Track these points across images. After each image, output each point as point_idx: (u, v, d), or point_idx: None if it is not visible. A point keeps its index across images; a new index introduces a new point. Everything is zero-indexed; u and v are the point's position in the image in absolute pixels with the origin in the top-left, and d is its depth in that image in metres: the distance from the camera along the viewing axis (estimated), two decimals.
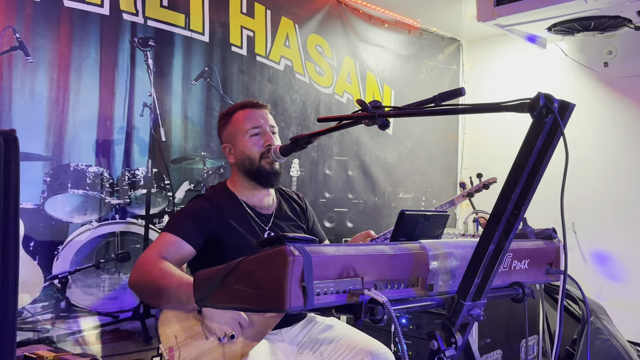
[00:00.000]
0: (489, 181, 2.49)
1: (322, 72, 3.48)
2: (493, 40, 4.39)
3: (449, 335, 1.19)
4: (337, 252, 1.04)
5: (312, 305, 0.97)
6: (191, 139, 2.79)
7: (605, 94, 3.84)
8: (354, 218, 3.68)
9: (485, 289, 1.21)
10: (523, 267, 1.46)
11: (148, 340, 2.58)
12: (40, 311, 2.27)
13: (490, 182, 2.50)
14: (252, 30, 3.06)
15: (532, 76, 4.18)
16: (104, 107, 2.47)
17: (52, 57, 2.32)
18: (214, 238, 1.92)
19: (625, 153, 3.75)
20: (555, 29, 3.49)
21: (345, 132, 3.62)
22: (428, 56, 4.26)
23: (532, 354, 2.94)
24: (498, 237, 1.17)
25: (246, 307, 1.05)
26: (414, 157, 4.14)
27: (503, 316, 2.74)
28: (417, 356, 2.54)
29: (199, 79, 2.82)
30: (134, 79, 2.57)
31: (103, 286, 2.46)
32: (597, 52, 3.87)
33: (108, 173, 2.48)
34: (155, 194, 2.64)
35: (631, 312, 3.53)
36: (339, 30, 3.60)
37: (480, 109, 1.21)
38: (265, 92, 3.14)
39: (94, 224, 2.44)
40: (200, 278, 1.14)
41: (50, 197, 2.32)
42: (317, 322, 2.09)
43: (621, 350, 2.99)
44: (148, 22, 2.61)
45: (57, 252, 2.33)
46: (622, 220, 3.71)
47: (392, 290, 1.12)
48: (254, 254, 1.02)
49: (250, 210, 2.04)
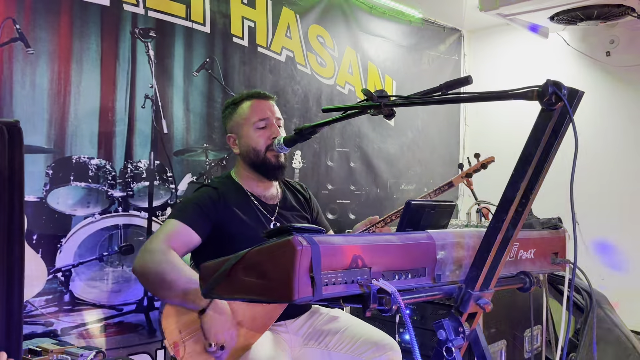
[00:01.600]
0: (487, 161, 2.46)
1: (324, 63, 3.47)
2: (494, 30, 4.36)
3: (457, 325, 1.19)
4: (345, 242, 1.03)
5: (320, 295, 0.96)
6: (193, 130, 2.78)
7: (607, 84, 3.82)
8: (356, 210, 3.67)
9: (492, 279, 1.20)
10: (529, 257, 1.45)
11: (152, 332, 2.58)
12: (44, 304, 2.27)
13: (488, 161, 2.46)
14: (253, 21, 3.04)
15: (533, 66, 4.16)
16: (105, 99, 2.46)
17: (53, 48, 2.31)
18: (219, 227, 1.91)
19: (627, 142, 3.74)
20: (558, 18, 3.47)
21: (347, 123, 3.60)
22: (429, 46, 4.24)
23: (536, 343, 2.94)
24: (506, 226, 1.16)
25: (254, 298, 1.04)
26: (415, 148, 4.13)
27: (507, 306, 2.74)
28: (421, 346, 2.54)
29: (201, 70, 2.80)
30: (135, 70, 2.55)
31: (107, 279, 2.46)
32: (599, 42, 3.84)
33: (110, 165, 2.47)
34: (158, 187, 2.63)
35: (634, 301, 3.53)
36: (341, 21, 3.58)
37: (487, 97, 1.19)
38: (267, 84, 3.12)
39: (97, 216, 2.43)
40: (207, 269, 1.13)
41: (53, 189, 2.31)
42: (322, 314, 2.09)
43: (624, 339, 3.00)
44: (149, 12, 2.59)
45: (60, 245, 2.33)
46: (625, 209, 3.70)
47: (400, 281, 1.11)
48: (261, 245, 1.02)
49: (256, 200, 2.03)
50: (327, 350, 1.98)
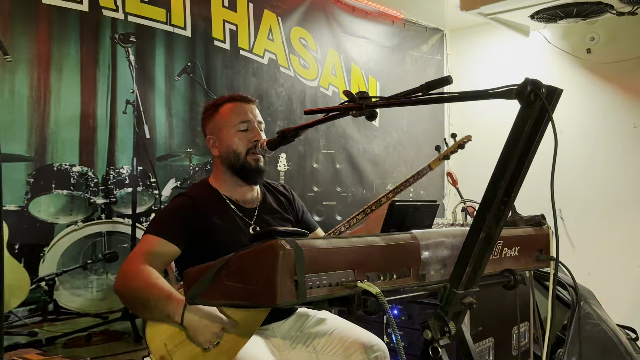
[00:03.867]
0: (463, 140, 2.44)
1: (307, 65, 3.46)
2: (476, 29, 4.39)
3: (443, 325, 1.19)
4: (328, 244, 1.02)
5: (304, 299, 0.96)
6: (176, 135, 2.76)
7: (588, 81, 3.87)
8: (342, 211, 3.67)
9: (477, 277, 1.20)
10: (513, 254, 1.45)
11: (138, 340, 2.55)
12: (27, 314, 2.24)
13: (465, 140, 2.44)
14: (234, 24, 3.03)
15: (515, 65, 4.19)
16: (86, 105, 2.43)
17: (32, 55, 2.28)
18: (198, 236, 1.89)
19: (609, 139, 3.78)
20: (538, 17, 3.50)
21: (332, 125, 3.60)
22: (412, 47, 4.25)
23: (524, 340, 2.96)
24: (488, 224, 1.16)
25: (238, 303, 1.03)
26: (401, 148, 4.14)
27: (494, 304, 2.75)
28: (409, 346, 2.54)
29: (182, 75, 2.79)
30: (116, 76, 2.53)
31: (91, 287, 2.43)
32: (579, 39, 3.89)
33: (92, 172, 2.45)
34: (141, 192, 2.61)
35: (619, 296, 3.57)
36: (323, 23, 3.58)
37: (467, 97, 1.20)
38: (250, 87, 3.11)
39: (80, 224, 2.40)
40: (190, 276, 1.12)
41: (35, 198, 2.28)
42: (309, 316, 2.08)
43: (611, 334, 3.02)
44: (128, 17, 2.57)
45: (43, 254, 2.29)
46: (608, 205, 3.74)
47: (385, 281, 1.11)
48: (244, 250, 1.01)
49: (234, 205, 2.01)
50: (315, 353, 1.97)
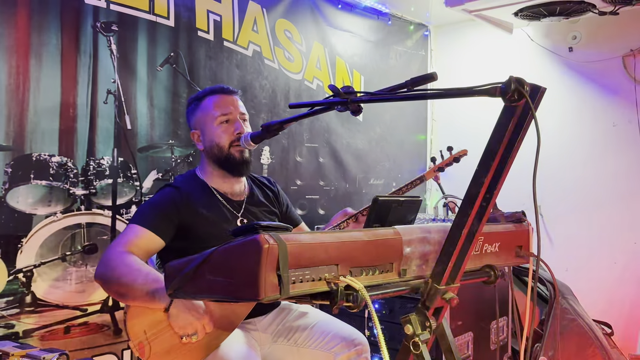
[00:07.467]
0: (459, 154, 2.47)
1: (292, 58, 3.45)
2: (460, 26, 4.41)
3: (424, 320, 1.20)
4: (312, 239, 1.02)
5: (287, 294, 0.96)
6: (158, 126, 2.73)
7: (570, 79, 3.91)
8: (325, 205, 3.67)
9: (458, 273, 1.22)
10: (494, 250, 1.47)
11: (118, 333, 2.53)
12: (4, 306, 2.21)
13: (461, 154, 2.48)
14: (219, 15, 3.00)
15: (499, 62, 4.22)
16: (66, 94, 2.39)
17: (10, 43, 2.23)
18: (184, 227, 1.88)
19: (589, 137, 3.83)
20: (522, 14, 3.53)
21: (316, 119, 3.59)
22: (396, 42, 4.26)
23: (502, 334, 3.00)
24: (471, 221, 1.17)
25: (220, 297, 1.03)
26: (384, 143, 4.15)
27: (473, 299, 2.79)
28: (390, 340, 2.56)
29: (165, 65, 2.75)
30: (97, 65, 2.49)
31: (70, 279, 2.40)
32: (562, 38, 3.93)
33: (72, 163, 2.41)
34: (122, 184, 2.58)
35: (596, 292, 3.64)
36: (308, 15, 3.57)
37: (451, 94, 1.20)
38: (234, 79, 3.09)
39: (59, 215, 2.37)
40: (172, 269, 1.11)
41: (12, 188, 2.24)
42: (291, 310, 2.09)
43: (587, 329, 3.08)
44: (111, 6, 2.52)
45: (20, 245, 2.26)
46: (587, 202, 3.80)
47: (368, 277, 1.11)
48: (227, 244, 1.00)
49: (222, 197, 2.00)
50: (297, 346, 1.98)
